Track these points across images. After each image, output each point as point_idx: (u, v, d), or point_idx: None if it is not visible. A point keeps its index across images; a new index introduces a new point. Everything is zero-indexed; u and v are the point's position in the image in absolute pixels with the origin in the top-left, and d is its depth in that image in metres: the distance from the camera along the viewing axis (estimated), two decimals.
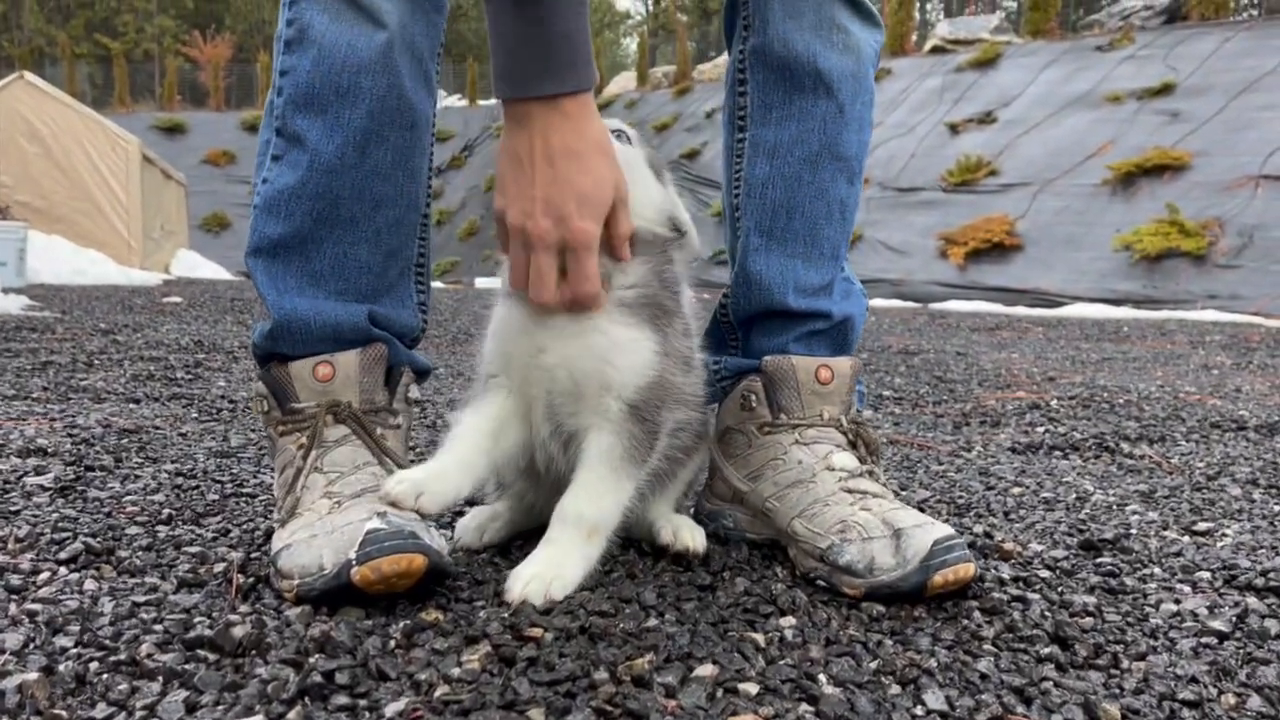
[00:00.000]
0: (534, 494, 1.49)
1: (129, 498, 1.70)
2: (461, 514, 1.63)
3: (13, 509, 1.59)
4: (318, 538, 1.23)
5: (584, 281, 1.27)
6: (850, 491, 1.44)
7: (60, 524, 1.50)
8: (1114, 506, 1.92)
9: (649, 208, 1.38)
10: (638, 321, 1.32)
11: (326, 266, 1.45)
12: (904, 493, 1.99)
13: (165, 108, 34.15)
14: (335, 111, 1.40)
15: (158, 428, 2.44)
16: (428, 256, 1.65)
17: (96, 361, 3.88)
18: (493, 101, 32.91)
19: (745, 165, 1.58)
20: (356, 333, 1.46)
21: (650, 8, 52.84)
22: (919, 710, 1.00)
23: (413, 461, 1.44)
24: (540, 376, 1.33)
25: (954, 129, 18.36)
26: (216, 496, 1.74)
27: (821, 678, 1.06)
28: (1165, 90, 16.49)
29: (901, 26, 23.54)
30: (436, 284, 20.05)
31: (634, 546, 1.49)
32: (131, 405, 2.84)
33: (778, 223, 1.56)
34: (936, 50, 22.20)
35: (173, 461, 2.03)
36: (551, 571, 1.25)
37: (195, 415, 2.71)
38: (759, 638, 1.15)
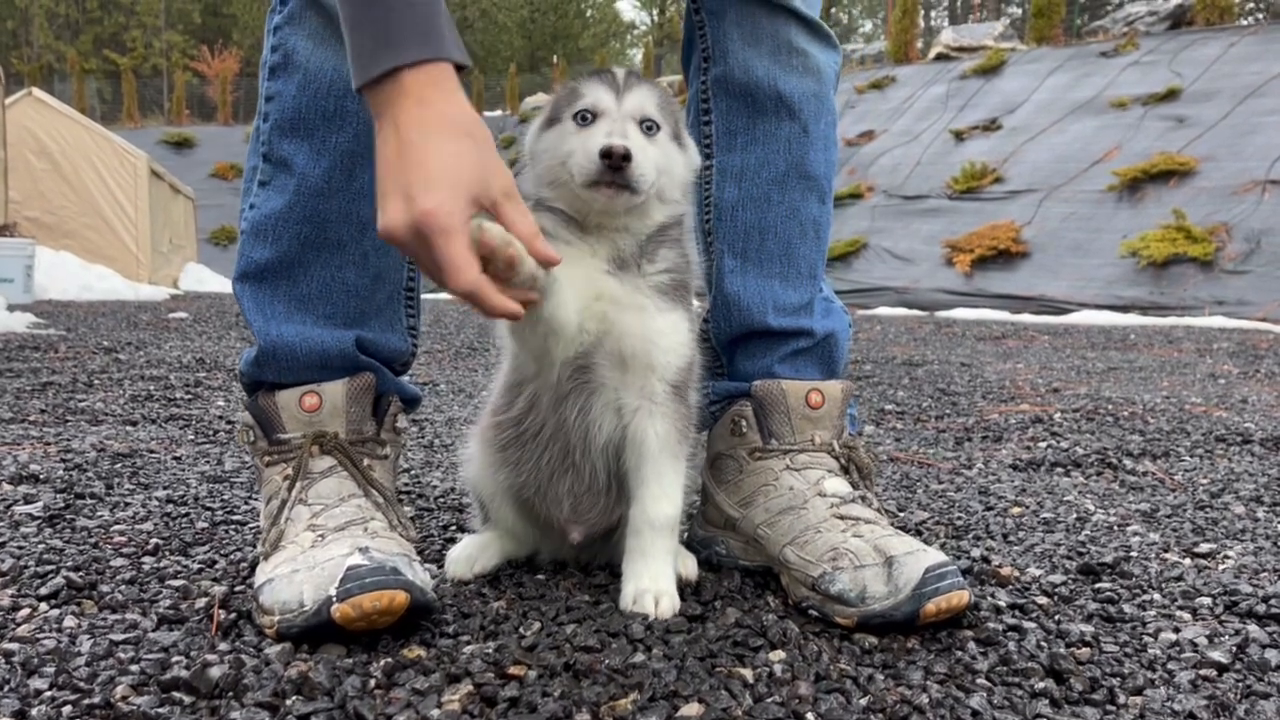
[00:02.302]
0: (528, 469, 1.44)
1: (117, 527, 1.68)
2: (453, 541, 1.62)
3: None
4: (299, 573, 1.21)
5: (449, 273, 1.06)
6: (842, 518, 1.41)
7: (45, 556, 1.49)
8: (1115, 527, 1.90)
9: (675, 189, 1.38)
10: (671, 305, 1.36)
11: (314, 290, 1.44)
12: (902, 514, 1.97)
13: (174, 122, 34.32)
14: (322, 135, 1.39)
15: (152, 451, 2.43)
16: (417, 280, 1.64)
17: (97, 381, 3.88)
18: (496, 113, 33.01)
19: (714, 190, 1.58)
20: (344, 360, 1.44)
21: (655, 18, 52.97)
22: None
23: (399, 493, 1.42)
24: (592, 314, 1.32)
25: (959, 136, 18.33)
26: (206, 524, 1.73)
27: (810, 716, 1.03)
28: (1171, 96, 16.45)
29: (905, 34, 23.55)
30: (441, 296, 20.04)
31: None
32: (128, 428, 2.83)
33: (751, 244, 1.55)
34: (941, 57, 22.17)
35: (164, 487, 2.01)
36: (660, 585, 1.32)
37: (191, 437, 2.69)
38: (747, 673, 1.13)
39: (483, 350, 6.09)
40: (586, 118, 1.30)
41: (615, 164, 1.23)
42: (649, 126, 1.32)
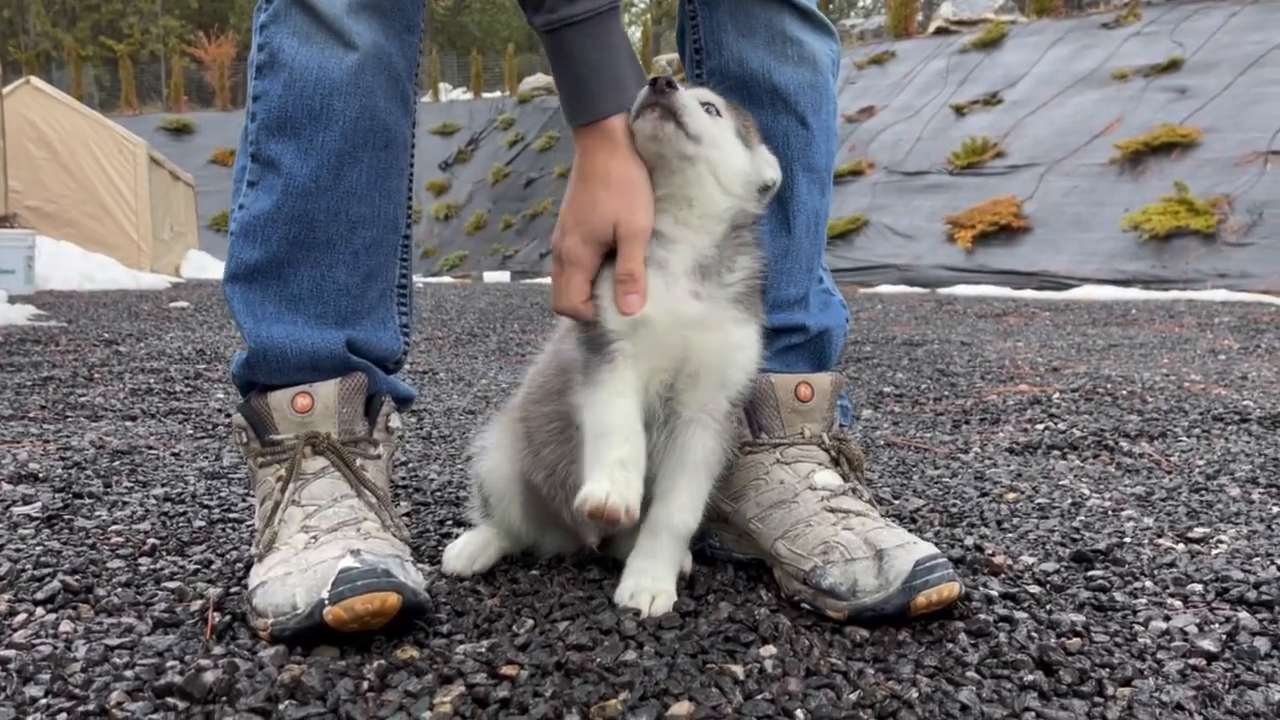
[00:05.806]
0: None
1: (115, 527, 1.69)
2: (450, 537, 1.62)
3: None
4: (292, 575, 1.22)
5: (560, 295, 1.32)
6: (833, 511, 1.42)
7: (42, 559, 1.50)
8: (1109, 512, 1.90)
9: (737, 183, 1.37)
10: (747, 316, 1.37)
11: (304, 290, 1.44)
12: (897, 501, 1.97)
13: (172, 109, 34.23)
14: (308, 134, 1.39)
15: (151, 448, 2.44)
16: (409, 278, 1.64)
17: (97, 375, 3.89)
18: (495, 95, 32.84)
19: None
20: (334, 361, 1.45)
21: None
22: None
23: (396, 487, 1.42)
24: (674, 344, 1.32)
25: (959, 111, 18.24)
26: (203, 523, 1.74)
27: (799, 713, 1.04)
28: (1172, 67, 16.35)
29: (905, 9, 23.39)
30: (445, 279, 20.05)
31: (618, 569, 1.46)
32: (127, 423, 2.84)
33: None
34: (941, 31, 22.05)
35: (162, 485, 2.02)
36: (660, 585, 1.33)
37: (190, 432, 2.70)
38: (738, 670, 1.14)
39: (483, 337, 6.10)
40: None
41: (660, 88, 1.30)
42: (708, 108, 1.36)
